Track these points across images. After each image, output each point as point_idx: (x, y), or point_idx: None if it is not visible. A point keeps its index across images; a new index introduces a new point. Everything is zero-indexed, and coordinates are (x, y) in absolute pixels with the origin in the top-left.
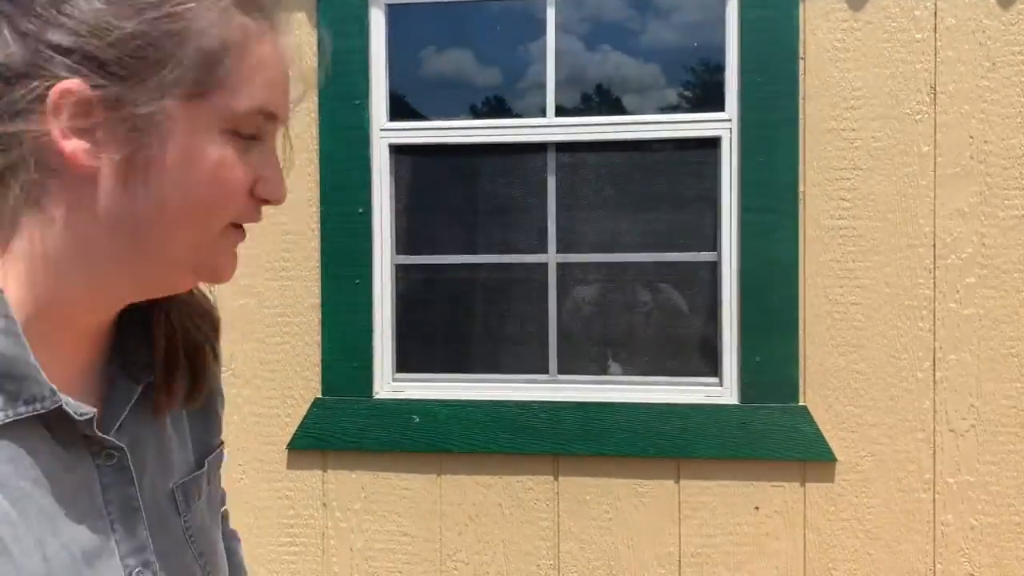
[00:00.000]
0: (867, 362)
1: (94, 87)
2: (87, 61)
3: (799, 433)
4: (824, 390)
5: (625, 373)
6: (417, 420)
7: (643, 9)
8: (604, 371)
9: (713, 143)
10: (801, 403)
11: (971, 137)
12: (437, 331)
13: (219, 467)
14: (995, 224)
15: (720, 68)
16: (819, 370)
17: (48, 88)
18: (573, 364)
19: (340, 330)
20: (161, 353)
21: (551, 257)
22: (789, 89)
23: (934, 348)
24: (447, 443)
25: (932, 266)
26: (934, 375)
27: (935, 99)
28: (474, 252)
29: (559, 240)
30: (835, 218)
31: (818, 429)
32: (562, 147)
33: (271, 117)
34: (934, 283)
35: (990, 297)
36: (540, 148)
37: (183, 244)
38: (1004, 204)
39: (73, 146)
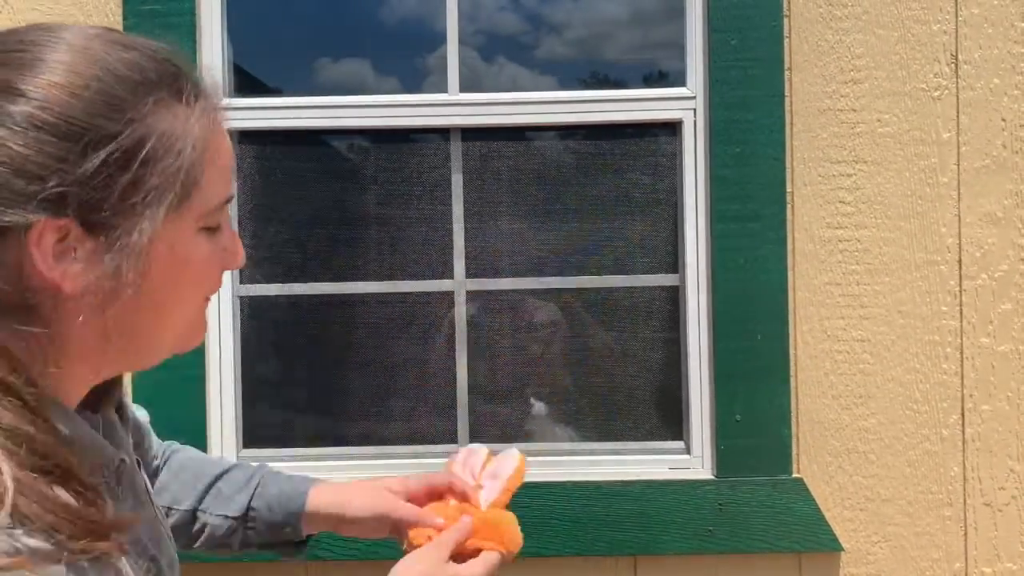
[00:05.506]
0: (878, 417)
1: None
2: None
3: (793, 515)
4: (824, 456)
5: (558, 440)
6: None
7: None
8: (529, 438)
9: (672, 128)
10: (795, 475)
11: (1004, 120)
12: (299, 388)
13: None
14: None
15: (680, 28)
16: (817, 429)
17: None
18: (488, 428)
19: (158, 389)
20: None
21: (458, 283)
22: (771, 55)
23: (963, 396)
24: (316, 548)
25: (958, 289)
26: (963, 432)
27: (957, 70)
28: (351, 279)
29: (469, 260)
30: (833, 227)
31: (817, 509)
32: (470, 134)
33: (229, 199)
34: (960, 311)
35: None
36: (440, 135)
37: (170, 331)
38: None
39: (58, 273)
